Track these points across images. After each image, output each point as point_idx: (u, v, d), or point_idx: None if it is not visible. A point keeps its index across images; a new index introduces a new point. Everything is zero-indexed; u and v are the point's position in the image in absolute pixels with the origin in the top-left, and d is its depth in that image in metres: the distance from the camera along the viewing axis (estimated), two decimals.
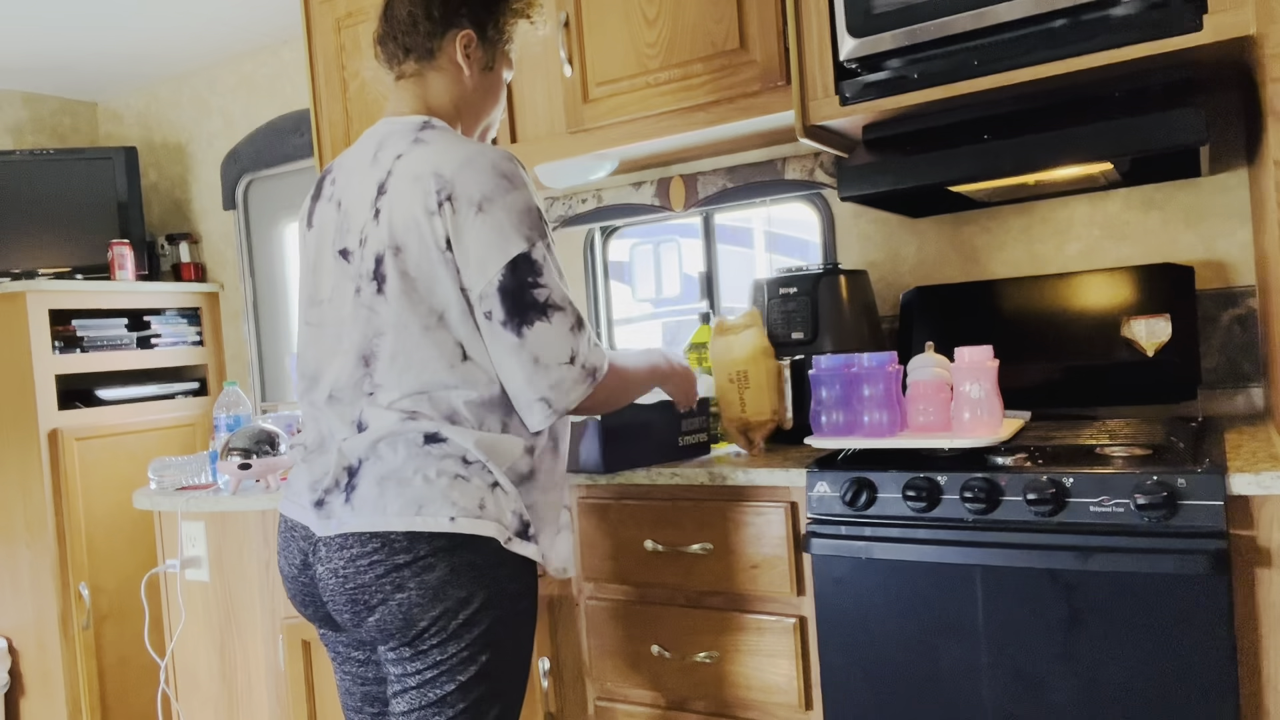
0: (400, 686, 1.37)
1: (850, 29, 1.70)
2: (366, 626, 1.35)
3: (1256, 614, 1.34)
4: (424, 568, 1.31)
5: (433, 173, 1.33)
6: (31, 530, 3.04)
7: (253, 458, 2.01)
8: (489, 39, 1.49)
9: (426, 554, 1.31)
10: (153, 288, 3.38)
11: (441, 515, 1.31)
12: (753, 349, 1.85)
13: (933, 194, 1.90)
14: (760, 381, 1.84)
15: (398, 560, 1.31)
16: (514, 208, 1.33)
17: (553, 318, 1.34)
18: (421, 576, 1.31)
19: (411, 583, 1.31)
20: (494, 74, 1.52)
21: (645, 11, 2.04)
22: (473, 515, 1.33)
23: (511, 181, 1.34)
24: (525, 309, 1.33)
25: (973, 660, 1.49)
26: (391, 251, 1.34)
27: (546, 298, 1.34)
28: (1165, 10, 1.47)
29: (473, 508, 1.33)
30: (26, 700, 3.11)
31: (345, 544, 1.34)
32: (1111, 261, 2.02)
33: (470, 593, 1.33)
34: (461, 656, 1.33)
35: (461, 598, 1.32)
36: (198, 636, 2.15)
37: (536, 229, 1.35)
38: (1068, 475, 1.42)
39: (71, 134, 3.81)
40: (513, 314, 1.33)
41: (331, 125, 2.55)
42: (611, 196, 2.59)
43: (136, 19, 3.05)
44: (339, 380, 1.39)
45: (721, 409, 1.89)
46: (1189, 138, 1.46)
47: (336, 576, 1.35)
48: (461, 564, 1.32)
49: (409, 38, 1.45)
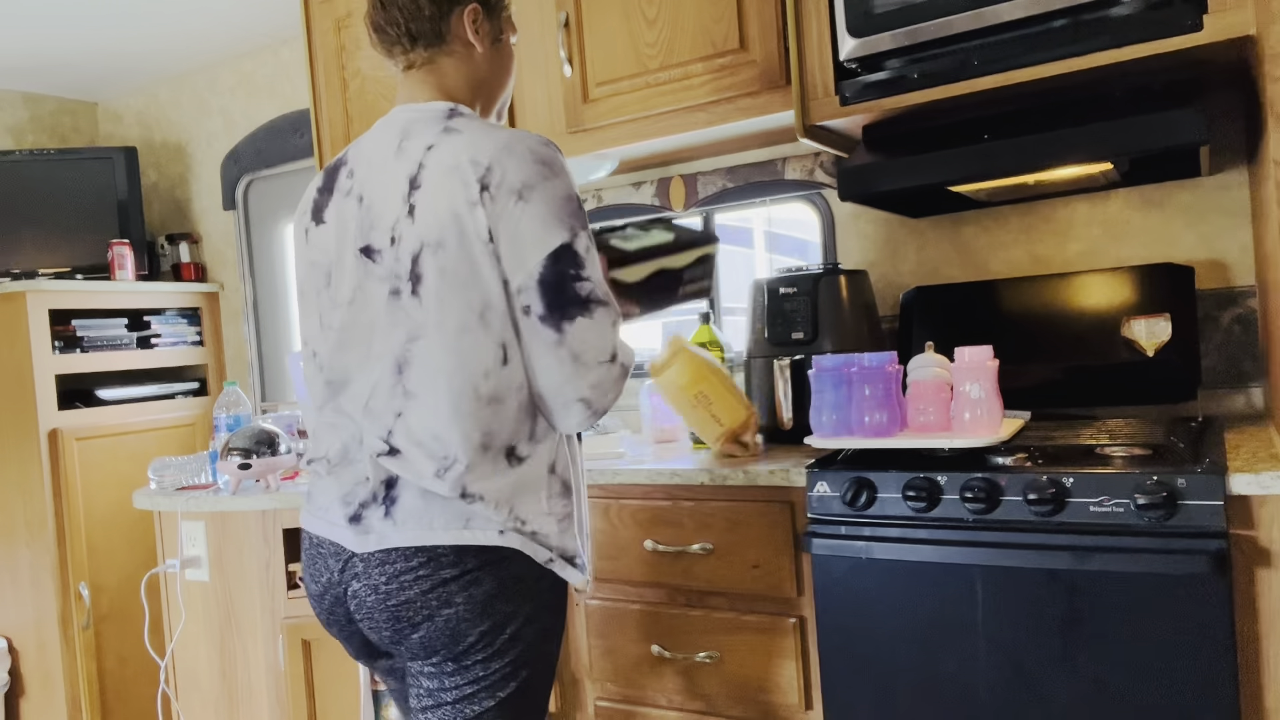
0: (433, 701, 1.31)
1: (850, 29, 1.70)
2: (409, 644, 1.30)
3: (1256, 614, 1.34)
4: (471, 582, 1.27)
5: (470, 161, 1.25)
6: (31, 530, 3.04)
7: (253, 458, 2.01)
8: (491, 6, 1.42)
9: (474, 568, 1.27)
10: (153, 288, 3.38)
11: (490, 529, 1.27)
12: (692, 371, 1.83)
13: (933, 194, 1.90)
14: (718, 390, 1.83)
15: (444, 575, 1.26)
16: (555, 196, 1.26)
17: (595, 313, 1.27)
18: (469, 591, 1.27)
19: (459, 597, 1.27)
20: (503, 44, 1.45)
21: (645, 11, 2.04)
22: (519, 530, 1.29)
23: (551, 168, 1.27)
24: (566, 303, 1.25)
25: (973, 660, 1.49)
26: (431, 248, 1.25)
27: (589, 292, 1.27)
28: (1165, 10, 1.47)
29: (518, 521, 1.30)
30: (26, 700, 3.11)
31: (388, 559, 1.28)
32: (1111, 261, 2.02)
33: (516, 607, 1.29)
34: (504, 673, 1.30)
35: (508, 612, 1.28)
36: (198, 636, 2.15)
37: (578, 218, 1.28)
38: (1068, 475, 1.42)
39: (71, 134, 3.81)
40: (553, 308, 1.25)
41: (331, 125, 2.55)
42: (611, 196, 2.59)
43: (136, 19, 3.05)
44: (375, 388, 1.30)
45: (706, 438, 1.86)
46: (1189, 138, 1.46)
47: (377, 594, 1.28)
48: (509, 578, 1.28)
49: (414, 23, 1.36)
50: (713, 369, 1.85)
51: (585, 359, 1.26)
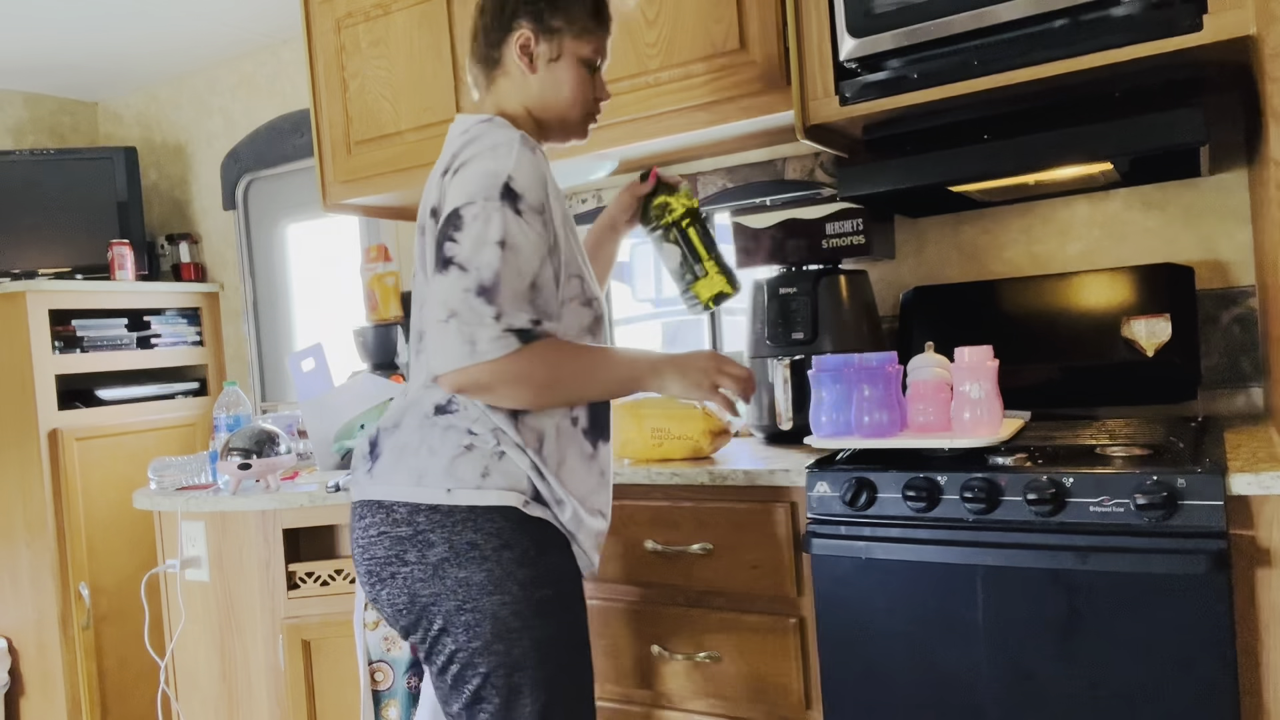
0: (439, 693, 1.35)
1: (850, 29, 1.69)
2: (381, 603, 1.36)
3: (1256, 614, 1.34)
4: (424, 543, 1.30)
5: (452, 153, 1.38)
6: (31, 530, 3.04)
7: (253, 458, 2.01)
8: (552, 29, 1.46)
9: (425, 528, 1.30)
10: (153, 288, 3.38)
11: (438, 486, 1.30)
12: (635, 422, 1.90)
13: (933, 194, 1.90)
14: (667, 416, 1.89)
15: (400, 533, 1.31)
16: (478, 170, 1.32)
17: (450, 273, 1.29)
18: (422, 552, 1.30)
19: (412, 556, 1.30)
20: (560, 64, 1.47)
21: (645, 11, 2.04)
22: (471, 486, 1.30)
23: (495, 152, 1.33)
24: (439, 263, 1.31)
25: (973, 660, 1.49)
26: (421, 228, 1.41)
27: (454, 254, 1.30)
28: (1165, 10, 1.47)
29: (472, 478, 1.30)
30: (26, 700, 3.11)
31: (360, 513, 1.36)
32: (1112, 261, 2.02)
33: (469, 574, 1.29)
34: (473, 648, 1.30)
35: (461, 578, 1.29)
36: (198, 636, 2.15)
37: (487, 191, 1.31)
38: (1068, 475, 1.42)
39: (71, 134, 3.81)
40: (436, 266, 1.32)
41: (331, 125, 2.54)
42: (611, 196, 2.59)
43: (136, 19, 3.05)
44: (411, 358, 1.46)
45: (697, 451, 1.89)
46: (1189, 138, 1.46)
47: (357, 546, 1.37)
48: (461, 543, 1.29)
49: (482, 50, 1.49)
50: (647, 406, 1.91)
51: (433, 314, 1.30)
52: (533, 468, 1.34)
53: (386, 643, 1.88)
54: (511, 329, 1.28)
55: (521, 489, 1.33)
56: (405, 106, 2.40)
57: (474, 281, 1.27)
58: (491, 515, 1.30)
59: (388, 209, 2.74)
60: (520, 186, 1.32)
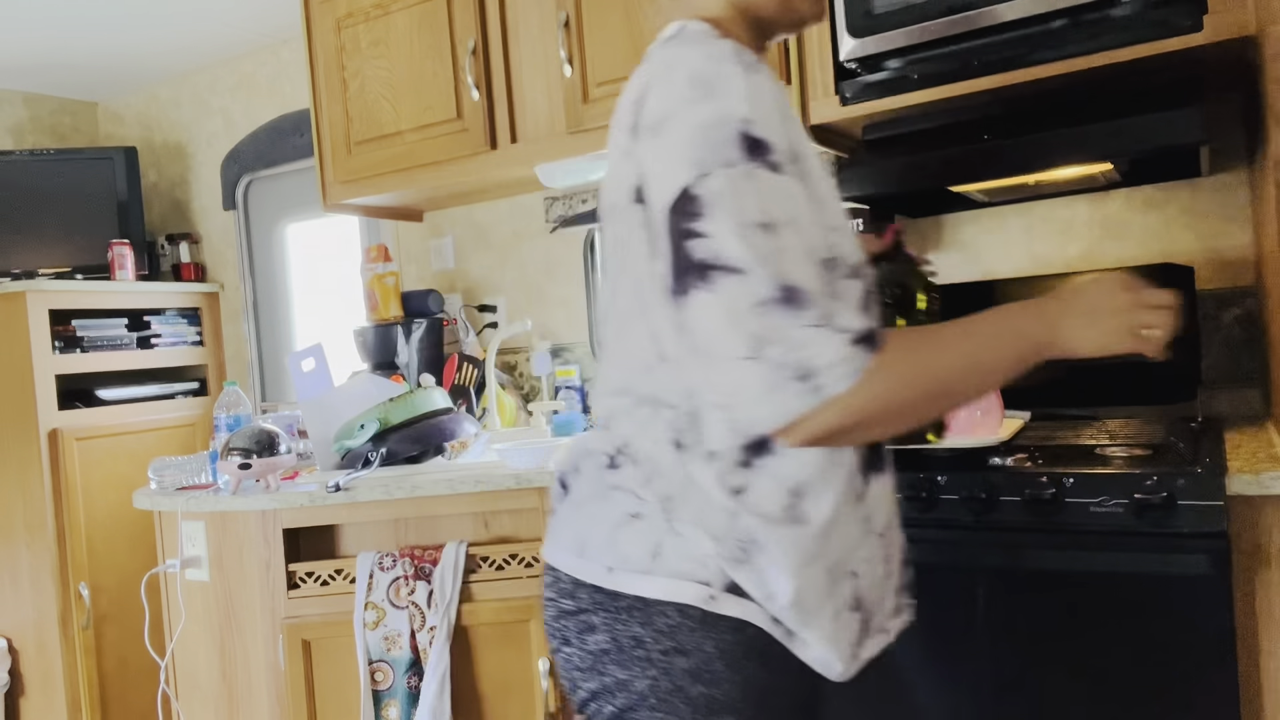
0: None
1: (850, 29, 1.69)
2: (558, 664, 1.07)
3: (1256, 614, 1.34)
4: (585, 626, 1.00)
5: (633, 100, 0.98)
6: (31, 530, 3.04)
7: (253, 458, 2.01)
8: None
9: (587, 608, 1.00)
10: (153, 288, 3.38)
11: (598, 563, 0.99)
12: None
13: (933, 194, 1.90)
14: None
15: (564, 606, 1.03)
16: (693, 123, 0.91)
17: (716, 284, 0.89)
18: (582, 637, 1.00)
19: (573, 637, 1.02)
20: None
21: (645, 12, 2.04)
22: (637, 570, 0.97)
23: (707, 88, 0.92)
24: (682, 271, 0.91)
25: (972, 660, 1.49)
26: (609, 214, 1.03)
27: (711, 255, 0.89)
28: (1165, 10, 1.47)
29: (639, 558, 0.97)
30: (26, 700, 3.11)
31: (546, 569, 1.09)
32: (1112, 261, 2.02)
33: (632, 677, 0.97)
34: None
35: (622, 680, 0.97)
36: (198, 636, 2.15)
37: (721, 151, 0.90)
38: (1067, 475, 1.42)
39: (72, 134, 3.81)
40: (675, 276, 0.92)
41: (331, 125, 2.54)
42: None
43: (137, 19, 3.05)
44: None
45: None
46: (1189, 138, 1.46)
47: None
48: (625, 636, 0.97)
49: None
50: None
51: (710, 351, 0.91)
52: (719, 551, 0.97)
53: (386, 643, 1.88)
54: (850, 336, 0.89)
55: (705, 577, 0.96)
56: (405, 106, 2.40)
57: (766, 285, 0.88)
58: (664, 608, 0.96)
59: (388, 209, 2.74)
60: (763, 130, 0.91)
